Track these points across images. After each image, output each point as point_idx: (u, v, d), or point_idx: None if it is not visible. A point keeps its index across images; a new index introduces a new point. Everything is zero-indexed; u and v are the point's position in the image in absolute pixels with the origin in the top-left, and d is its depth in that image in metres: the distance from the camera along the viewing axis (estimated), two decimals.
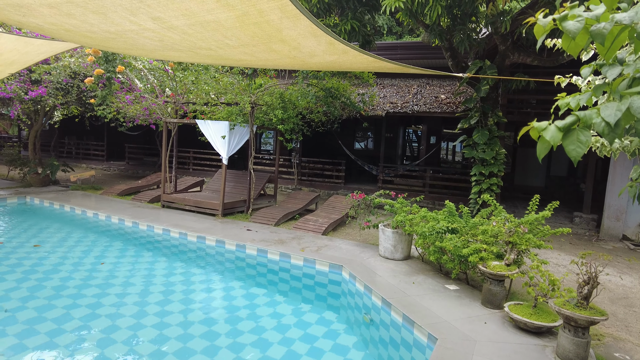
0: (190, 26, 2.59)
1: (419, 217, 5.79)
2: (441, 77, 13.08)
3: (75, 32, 3.18)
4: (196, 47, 3.08)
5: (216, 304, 5.09)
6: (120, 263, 6.22)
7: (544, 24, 1.41)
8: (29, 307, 4.64)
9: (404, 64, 3.55)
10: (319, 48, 2.93)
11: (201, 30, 2.66)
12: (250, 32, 2.63)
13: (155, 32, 2.77)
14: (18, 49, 6.47)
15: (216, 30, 2.62)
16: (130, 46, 3.32)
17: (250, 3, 2.17)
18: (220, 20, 2.44)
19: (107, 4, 2.36)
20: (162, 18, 2.47)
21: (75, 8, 2.60)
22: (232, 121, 8.57)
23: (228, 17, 2.37)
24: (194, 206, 9.06)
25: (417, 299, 4.78)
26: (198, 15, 2.39)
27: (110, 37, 3.09)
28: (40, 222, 8.38)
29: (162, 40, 2.96)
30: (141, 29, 2.72)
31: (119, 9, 2.40)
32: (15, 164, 11.85)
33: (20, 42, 6.37)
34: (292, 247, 6.60)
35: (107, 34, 2.98)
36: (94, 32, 3.03)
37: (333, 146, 15.31)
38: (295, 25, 2.46)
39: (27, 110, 11.20)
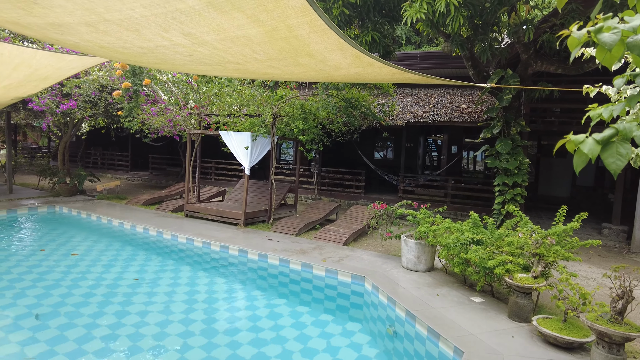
0: (220, 41, 2.67)
1: (442, 228, 5.73)
2: (462, 87, 12.99)
3: (109, 49, 3.30)
4: (224, 62, 3.17)
5: (239, 314, 5.13)
6: (145, 272, 6.33)
7: (579, 36, 1.40)
8: (60, 313, 4.76)
9: (427, 75, 3.56)
10: (344, 61, 2.98)
11: (230, 45, 2.74)
12: (278, 46, 2.70)
13: (186, 47, 2.86)
14: (52, 64, 6.74)
15: (245, 45, 2.70)
16: (161, 60, 3.44)
17: (279, 19, 2.23)
18: (249, 36, 2.51)
19: (142, 22, 2.46)
20: (194, 34, 2.56)
21: (111, 26, 2.71)
22: (255, 132, 8.69)
23: (257, 32, 2.44)
24: (217, 216, 9.18)
25: (442, 311, 4.71)
26: (228, 31, 2.46)
27: (142, 53, 3.20)
28: (68, 230, 8.62)
29: (191, 55, 3.05)
30: (172, 44, 2.81)
31: (153, 26, 2.49)
32: (45, 174, 12.26)
33: (54, 58, 6.63)
34: (314, 258, 6.61)
35: (139, 49, 3.09)
36: (127, 48, 3.14)
37: (353, 156, 15.32)
38: (322, 39, 2.51)
39: (57, 122, 11.60)
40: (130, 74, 6.83)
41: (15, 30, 3.94)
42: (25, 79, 7.15)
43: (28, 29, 3.59)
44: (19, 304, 4.93)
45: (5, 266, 6.19)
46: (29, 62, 6.57)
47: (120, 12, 2.40)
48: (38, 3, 2.80)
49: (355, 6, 7.55)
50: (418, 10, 5.92)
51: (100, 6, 2.40)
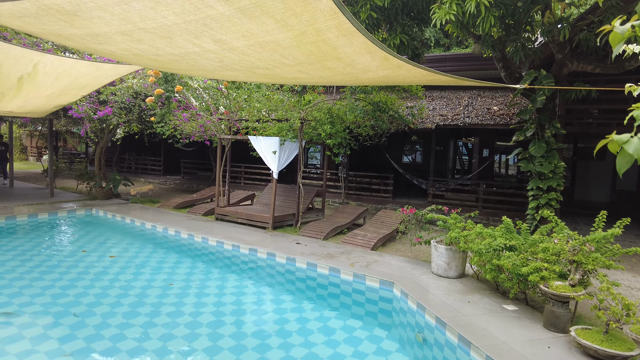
0: (249, 47, 2.71)
1: (474, 233, 5.59)
2: (493, 89, 12.69)
3: (143, 56, 3.41)
4: (254, 67, 3.22)
5: (267, 317, 5.15)
6: (176, 274, 6.47)
7: (622, 31, 1.34)
8: (96, 312, 4.93)
9: (458, 77, 3.49)
10: (373, 64, 2.96)
11: (260, 51, 2.77)
12: (307, 50, 2.71)
13: (216, 54, 2.92)
14: (90, 73, 7.03)
15: (274, 50, 2.73)
16: (192, 67, 3.52)
17: (308, 23, 2.24)
18: (278, 41, 2.54)
19: (174, 29, 2.53)
20: (224, 40, 2.61)
21: (145, 34, 2.79)
22: (283, 137, 8.76)
23: (286, 37, 2.46)
24: (246, 219, 9.30)
25: (474, 318, 4.58)
26: (258, 36, 2.50)
27: (174, 59, 3.29)
28: (104, 232, 8.93)
29: (222, 60, 3.12)
30: (203, 50, 2.88)
31: (185, 33, 2.56)
32: (83, 179, 12.78)
33: (93, 67, 6.92)
34: (342, 262, 6.58)
35: (171, 56, 3.18)
36: (160, 55, 3.24)
37: (380, 160, 15.21)
38: (350, 42, 2.50)
39: (94, 128, 12.09)
40: (163, 81, 7.04)
41: (59, 42, 4.13)
42: (66, 87, 7.49)
43: (70, 40, 3.76)
44: (59, 303, 5.13)
45: (46, 265, 6.47)
46: (70, 72, 6.88)
47: (154, 20, 2.48)
48: (79, 15, 2.93)
49: (383, 9, 7.51)
50: (447, 12, 5.83)
51: (135, 15, 2.49)
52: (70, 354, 3.99)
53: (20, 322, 4.59)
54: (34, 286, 5.61)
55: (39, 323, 4.57)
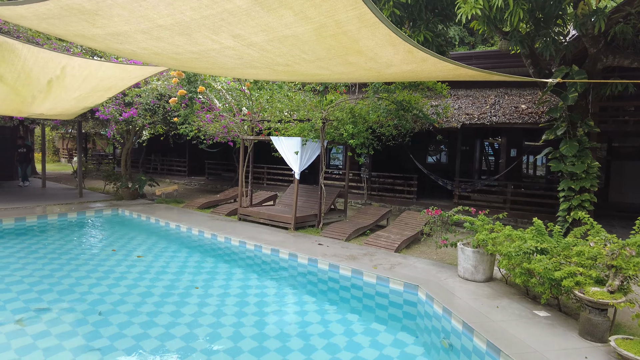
0: (268, 42, 2.65)
1: (502, 235, 5.37)
2: (521, 86, 12.29)
3: (164, 55, 3.40)
4: (274, 64, 3.15)
5: (289, 318, 5.09)
6: (199, 273, 6.49)
7: None
8: (120, 311, 4.97)
9: (487, 71, 3.33)
10: (396, 57, 2.84)
11: (279, 46, 2.70)
12: (327, 44, 2.62)
13: (236, 50, 2.87)
14: (116, 75, 7.14)
15: (293, 45, 2.65)
16: (212, 65, 3.49)
17: (328, 14, 2.15)
18: (297, 35, 2.46)
19: (192, 25, 2.49)
20: (242, 35, 2.55)
21: (164, 31, 2.77)
22: (305, 137, 8.70)
23: (305, 30, 2.38)
24: (268, 219, 9.29)
25: (503, 324, 4.38)
26: (276, 31, 2.42)
27: (193, 58, 3.26)
28: (129, 232, 9.09)
29: (241, 57, 3.06)
30: (222, 47, 2.83)
31: (203, 29, 2.51)
32: (110, 179, 13.07)
33: (117, 69, 7.02)
34: (364, 264, 6.45)
35: (191, 54, 3.15)
36: (179, 54, 3.21)
37: (403, 160, 14.98)
38: (373, 34, 2.40)
39: (120, 130, 12.34)
40: (186, 82, 7.09)
41: (83, 43, 4.18)
42: (93, 89, 7.66)
43: (93, 40, 3.78)
44: (86, 300, 5.21)
45: (74, 264, 6.61)
46: (96, 74, 7.01)
47: (172, 16, 2.45)
48: (99, 14, 2.92)
49: (407, 6, 7.35)
50: (473, 6, 5.63)
51: (153, 12, 2.46)
52: (98, 348, 4.03)
53: (49, 318, 4.67)
54: (62, 283, 5.73)
55: (67, 320, 4.64)
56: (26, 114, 9.26)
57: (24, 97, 7.46)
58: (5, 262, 6.50)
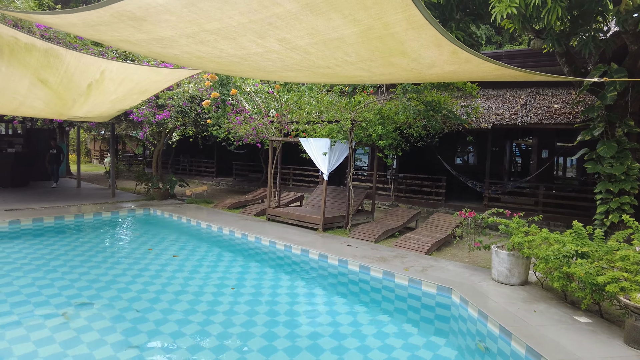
0: (312, 45, 2.68)
1: (539, 238, 5.25)
2: (553, 86, 11.97)
3: (205, 59, 3.48)
4: (314, 66, 3.19)
5: (320, 319, 5.11)
6: (230, 272, 6.59)
7: None
8: (155, 309, 5.10)
9: (530, 71, 3.27)
10: (440, 58, 2.83)
11: (323, 49, 2.73)
12: (372, 46, 2.64)
13: (279, 54, 2.92)
14: (150, 78, 7.33)
15: (338, 47, 2.68)
16: (253, 69, 3.56)
17: (376, 16, 2.16)
18: (343, 37, 2.48)
19: (238, 30, 2.55)
20: (288, 39, 2.59)
21: (209, 36, 2.84)
22: (333, 138, 8.73)
23: (352, 32, 2.40)
24: (296, 220, 9.35)
25: (542, 329, 4.29)
26: (323, 34, 2.46)
27: (235, 61, 3.33)
28: (161, 231, 9.32)
29: (283, 61, 3.11)
30: (266, 51, 2.89)
31: (249, 33, 2.57)
32: (141, 180, 13.43)
33: (152, 72, 7.21)
34: (395, 266, 6.42)
35: (233, 58, 3.22)
36: (222, 57, 3.29)
37: (430, 161, 14.81)
38: (419, 35, 2.40)
39: (152, 132, 12.67)
40: (218, 85, 7.22)
41: (126, 48, 4.32)
42: (129, 92, 7.89)
43: (136, 45, 3.91)
44: (122, 297, 5.37)
45: (110, 262, 6.82)
46: (132, 77, 7.23)
47: (220, 21, 2.51)
48: (147, 20, 3.02)
49: (438, 6, 7.28)
50: (509, 5, 5.53)
51: (201, 17, 2.53)
52: (137, 345, 4.15)
53: (89, 314, 4.84)
54: (100, 280, 5.92)
55: (106, 316, 4.80)
56: (66, 117, 9.62)
57: (65, 101, 7.76)
58: (47, 259, 6.77)
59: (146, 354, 4.03)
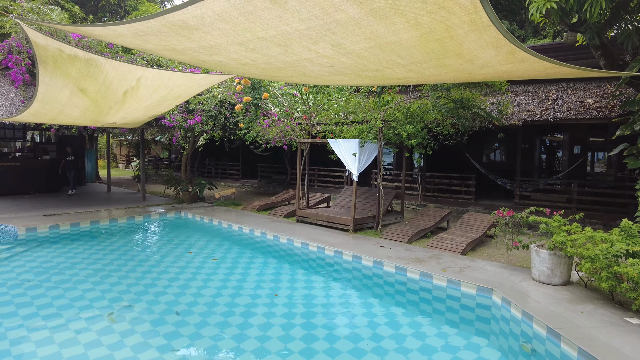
0: (367, 49, 2.69)
1: (583, 237, 5.12)
2: (585, 80, 11.65)
3: (251, 65, 3.53)
4: (363, 70, 3.20)
5: (358, 321, 5.10)
6: (266, 274, 6.64)
7: None
8: (195, 312, 5.17)
9: (585, 68, 3.20)
10: (495, 58, 2.80)
11: (377, 52, 2.74)
12: (428, 49, 2.63)
13: (330, 59, 2.94)
14: (184, 84, 7.47)
15: (392, 50, 2.68)
16: (298, 74, 3.59)
17: (441, 20, 2.16)
18: (401, 41, 2.48)
19: (294, 36, 2.57)
20: (343, 44, 2.61)
21: (262, 43, 2.88)
22: (363, 138, 8.72)
23: (411, 36, 2.40)
24: (326, 221, 9.37)
25: (592, 331, 4.19)
26: (381, 38, 2.46)
27: (282, 67, 3.37)
28: (193, 233, 9.47)
29: (332, 65, 3.13)
30: (317, 56, 2.91)
31: (304, 39, 2.59)
32: (170, 183, 13.70)
33: (187, 78, 7.34)
34: (432, 267, 6.37)
35: (281, 64, 3.26)
36: (269, 64, 3.33)
37: (458, 160, 14.61)
38: (480, 37, 2.38)
39: (182, 136, 12.90)
40: (250, 89, 7.30)
41: (170, 56, 4.41)
42: (162, 98, 8.06)
43: (182, 53, 3.99)
44: (161, 301, 5.46)
45: (146, 265, 6.97)
46: (167, 84, 7.37)
47: (276, 28, 2.55)
48: (200, 29, 3.09)
49: None
50: (548, 0, 5.41)
51: (257, 25, 2.57)
52: (179, 348, 4.23)
53: (131, 317, 4.95)
54: (139, 284, 6.05)
55: (147, 319, 4.89)
56: (101, 124, 9.89)
57: (101, 108, 7.97)
58: (87, 263, 6.97)
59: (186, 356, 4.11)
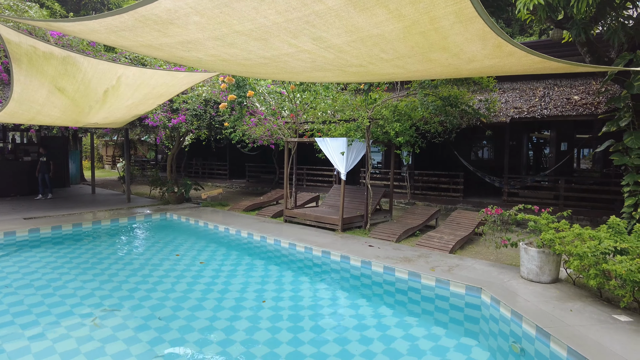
0: (349, 43, 2.58)
1: (572, 234, 5.09)
2: (571, 77, 11.72)
3: (231, 61, 3.39)
4: (347, 65, 3.09)
5: (346, 322, 5.00)
6: (252, 276, 6.51)
7: None
8: (179, 316, 5.02)
9: (574, 62, 3.13)
10: (482, 52, 2.71)
11: (359, 47, 2.63)
12: (412, 42, 2.53)
13: (311, 54, 2.82)
14: (166, 82, 7.27)
15: (375, 44, 2.57)
16: (280, 70, 3.46)
17: (424, 11, 2.06)
18: (384, 34, 2.38)
19: (272, 30, 2.45)
20: (323, 37, 2.49)
21: (239, 37, 2.75)
22: (350, 137, 8.62)
23: (394, 29, 2.29)
24: (315, 221, 9.26)
25: (581, 329, 4.14)
26: (362, 31, 2.35)
27: (263, 63, 3.24)
28: (179, 235, 9.28)
29: (314, 61, 3.01)
30: (298, 51, 2.79)
31: (283, 33, 2.47)
32: (156, 184, 13.45)
33: (169, 76, 7.15)
34: (420, 266, 6.30)
35: (261, 59, 3.13)
36: (249, 59, 3.20)
37: (446, 157, 14.64)
38: (466, 29, 2.28)
39: (167, 136, 12.67)
40: (235, 87, 7.15)
41: (147, 53, 4.25)
42: (144, 97, 7.85)
43: (159, 49, 3.83)
44: (145, 305, 5.30)
45: (129, 269, 6.78)
46: (148, 82, 7.17)
47: (253, 21, 2.42)
48: (174, 23, 2.94)
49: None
50: None
51: (233, 18, 2.44)
52: (162, 356, 4.08)
53: (114, 323, 4.79)
54: (122, 289, 5.87)
55: (130, 325, 4.74)
56: (82, 124, 9.63)
57: (82, 108, 7.74)
58: (69, 267, 6.76)
59: None
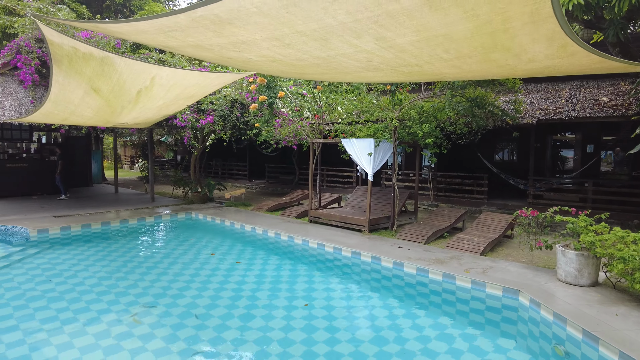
0: (413, 43, 2.58)
1: (614, 237, 5.01)
2: (598, 78, 11.53)
3: (281, 62, 3.42)
4: (402, 65, 3.09)
5: (381, 323, 4.98)
6: (282, 276, 6.53)
7: None
8: (213, 315, 5.05)
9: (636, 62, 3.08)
10: (544, 52, 2.69)
11: (422, 46, 2.63)
12: (477, 42, 2.52)
13: (369, 53, 2.83)
14: (199, 83, 7.36)
15: (439, 44, 2.57)
16: (330, 70, 3.48)
17: (500, 11, 2.05)
18: (451, 34, 2.38)
19: (336, 30, 2.47)
20: (387, 37, 2.50)
21: (300, 37, 2.77)
22: (378, 137, 8.61)
23: (463, 28, 2.29)
24: (340, 222, 9.26)
25: (631, 334, 4.07)
26: (431, 30, 2.36)
27: (315, 63, 3.26)
28: (206, 234, 9.38)
29: (370, 61, 3.02)
30: (356, 51, 2.80)
31: (347, 33, 2.48)
32: (179, 184, 13.60)
33: (201, 77, 7.23)
34: (454, 268, 6.26)
35: (315, 60, 3.15)
36: (302, 60, 3.22)
37: (469, 159, 14.50)
38: (536, 29, 2.27)
39: (193, 136, 12.81)
40: (265, 88, 7.19)
41: (192, 54, 4.31)
42: (176, 97, 7.96)
43: (208, 50, 3.88)
44: (179, 304, 5.35)
45: (161, 267, 6.86)
46: (181, 82, 7.27)
47: (319, 21, 2.44)
48: (233, 23, 2.98)
49: None
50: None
51: (299, 18, 2.47)
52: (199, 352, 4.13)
53: (151, 320, 4.84)
54: (155, 287, 5.93)
55: (166, 323, 4.78)
56: (112, 124, 9.80)
57: (114, 108, 7.88)
58: (101, 265, 6.87)
59: None
